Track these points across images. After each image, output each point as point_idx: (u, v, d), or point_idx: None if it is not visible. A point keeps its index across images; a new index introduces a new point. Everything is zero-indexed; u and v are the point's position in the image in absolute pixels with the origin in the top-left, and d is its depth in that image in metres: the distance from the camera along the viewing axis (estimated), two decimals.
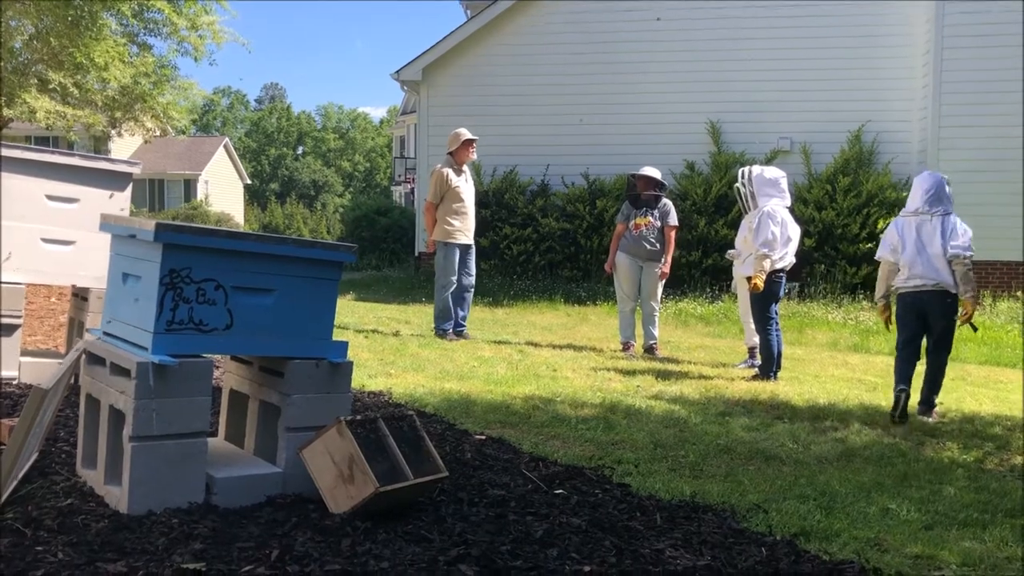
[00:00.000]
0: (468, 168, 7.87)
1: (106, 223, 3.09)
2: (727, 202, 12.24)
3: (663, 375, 6.35)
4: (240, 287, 2.87)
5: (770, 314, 6.47)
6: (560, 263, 13.29)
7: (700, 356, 7.65)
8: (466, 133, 7.69)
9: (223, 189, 42.32)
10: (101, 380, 2.90)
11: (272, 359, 3.05)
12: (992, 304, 10.90)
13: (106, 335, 3.01)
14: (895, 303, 5.64)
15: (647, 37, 13.23)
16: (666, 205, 7.58)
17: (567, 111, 13.45)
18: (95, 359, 2.97)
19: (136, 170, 4.77)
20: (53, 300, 7.36)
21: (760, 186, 6.59)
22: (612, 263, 7.67)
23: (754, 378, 6.49)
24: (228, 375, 3.35)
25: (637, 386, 5.87)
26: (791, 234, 6.52)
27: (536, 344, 7.75)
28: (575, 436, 4.36)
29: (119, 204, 4.61)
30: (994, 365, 8.26)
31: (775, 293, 6.49)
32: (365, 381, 5.29)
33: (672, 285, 9.21)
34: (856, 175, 12.40)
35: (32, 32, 14.29)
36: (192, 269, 2.76)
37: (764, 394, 5.83)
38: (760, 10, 12.92)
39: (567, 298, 11.63)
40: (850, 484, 3.81)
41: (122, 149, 31.28)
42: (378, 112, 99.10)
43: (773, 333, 6.47)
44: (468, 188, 7.76)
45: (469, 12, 17.05)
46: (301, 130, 72.01)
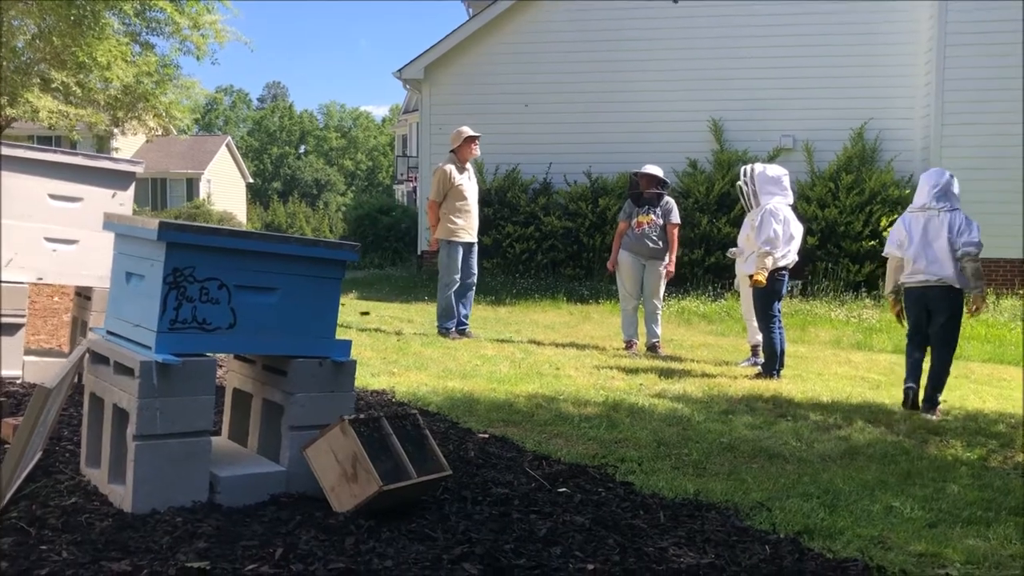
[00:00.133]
0: (471, 166, 7.87)
1: (109, 222, 3.09)
2: (729, 200, 12.23)
3: (666, 373, 6.35)
4: (243, 286, 2.87)
5: (773, 312, 6.47)
6: (562, 261, 13.28)
7: (703, 354, 7.65)
8: (468, 131, 7.69)
9: (226, 188, 42.36)
10: (105, 379, 2.91)
11: (275, 358, 3.05)
12: (995, 302, 10.88)
13: (109, 334, 3.02)
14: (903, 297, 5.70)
15: (649, 35, 13.21)
16: (668, 203, 7.57)
17: (569, 109, 13.44)
18: (99, 358, 2.97)
19: (139, 169, 4.77)
20: (56, 299, 7.37)
21: (762, 184, 6.58)
22: (614, 261, 7.66)
23: (757, 376, 6.48)
24: (231, 374, 3.35)
25: (640, 384, 5.87)
26: (793, 232, 6.52)
27: (539, 342, 7.75)
28: (578, 434, 4.36)
29: (122, 203, 4.62)
30: (997, 363, 8.25)
31: (778, 291, 6.49)
32: (368, 380, 5.30)
33: (675, 283, 9.20)
34: (859, 173, 12.38)
35: (35, 31, 14.30)
36: (195, 268, 2.76)
37: (767, 392, 5.82)
38: (762, 8, 12.90)
39: (569, 296, 11.62)
40: (854, 482, 3.81)
41: (124, 148, 31.31)
42: (380, 111, 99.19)
43: (776, 331, 6.47)
44: (471, 186, 7.76)
45: (471, 11, 17.03)
46: (303, 129, 72.06)
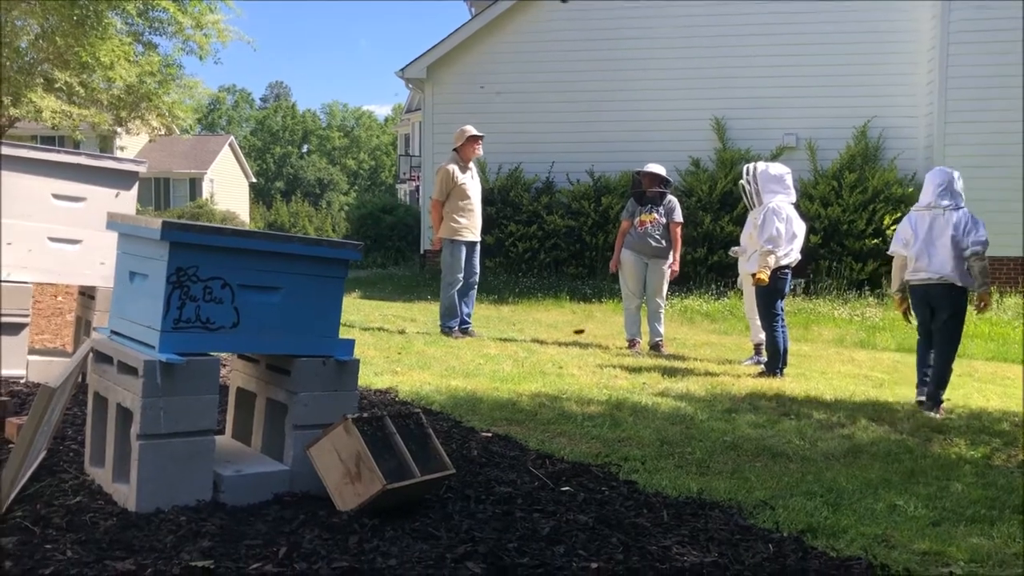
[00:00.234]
0: (474, 165, 7.87)
1: (113, 222, 3.09)
2: (732, 199, 12.22)
3: (669, 372, 6.35)
4: (247, 285, 2.87)
5: (776, 311, 6.46)
6: (565, 260, 13.28)
7: (706, 353, 7.64)
8: (471, 129, 7.68)
9: (228, 187, 42.40)
10: (109, 378, 2.91)
11: (279, 357, 3.06)
12: (999, 300, 10.86)
13: (113, 333, 3.02)
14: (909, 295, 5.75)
15: (651, 34, 13.21)
16: (671, 202, 7.57)
17: (572, 108, 13.44)
18: (102, 357, 2.98)
19: (142, 169, 4.77)
20: (59, 299, 7.38)
21: (765, 182, 6.58)
22: (617, 261, 7.66)
23: (760, 375, 6.48)
24: (235, 373, 3.35)
25: (643, 383, 5.87)
26: (796, 230, 6.52)
27: (542, 341, 7.75)
28: (581, 433, 4.36)
29: (125, 203, 4.62)
30: (1001, 361, 8.24)
31: (780, 290, 6.49)
32: (371, 379, 5.30)
33: (677, 282, 9.19)
34: (862, 171, 12.37)
35: (38, 32, 14.33)
36: (199, 267, 2.77)
37: (770, 391, 5.82)
38: (765, 6, 12.88)
39: (572, 295, 11.62)
40: (857, 480, 3.81)
41: (128, 148, 31.35)
42: (383, 110, 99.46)
43: (779, 330, 6.47)
44: (474, 185, 7.76)
45: (473, 10, 17.03)
46: (306, 128, 72.08)
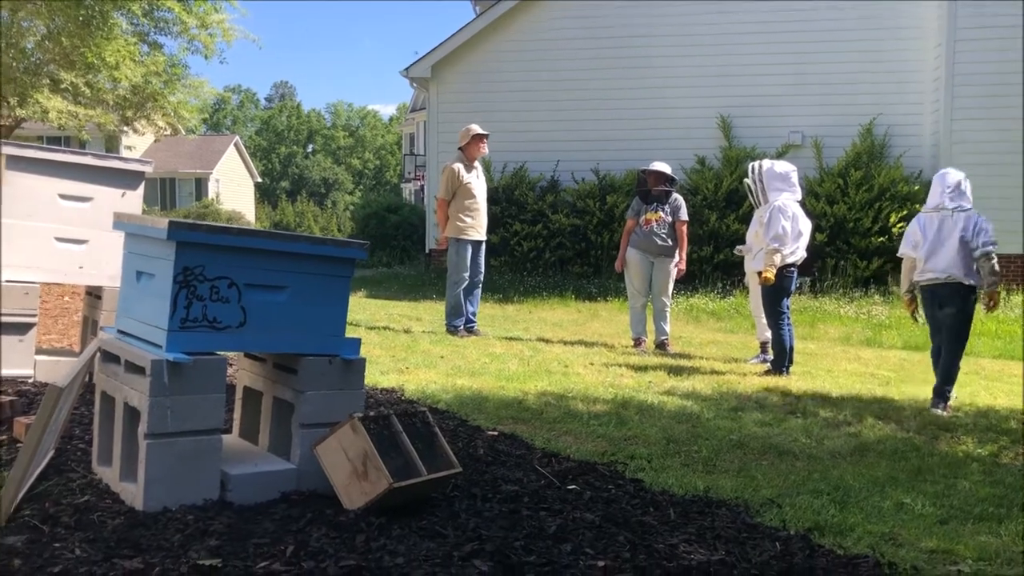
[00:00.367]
0: (479, 164, 7.87)
1: (119, 221, 3.10)
2: (738, 197, 12.20)
3: (675, 371, 6.34)
4: (253, 284, 2.88)
5: (782, 309, 6.45)
6: (570, 259, 13.27)
7: (712, 352, 7.63)
8: (477, 128, 7.68)
9: (234, 187, 42.46)
10: (116, 378, 2.92)
11: (285, 356, 3.06)
12: (1006, 298, 10.82)
13: (120, 333, 3.03)
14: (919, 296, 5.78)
15: (657, 32, 13.18)
16: (677, 200, 7.56)
17: (577, 107, 13.42)
18: (110, 357, 2.98)
19: (148, 168, 4.79)
20: (66, 299, 7.41)
21: (770, 180, 6.57)
22: (622, 260, 7.65)
23: (766, 373, 6.47)
24: (242, 372, 3.36)
25: (649, 382, 5.86)
26: (802, 228, 6.51)
27: (547, 340, 7.75)
28: (587, 432, 4.36)
29: (132, 203, 4.63)
30: (1008, 359, 8.21)
31: (786, 288, 6.48)
32: (377, 378, 5.31)
33: (683, 280, 9.19)
34: (868, 169, 12.33)
35: (44, 32, 14.37)
36: (206, 267, 2.77)
37: (776, 389, 5.81)
38: (770, 4, 12.85)
39: (578, 294, 11.61)
40: (864, 479, 3.80)
41: (134, 148, 31.42)
42: (388, 109, 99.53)
43: (785, 328, 6.46)
44: (480, 184, 7.76)
45: (478, 9, 17.03)
46: (311, 128, 72.16)
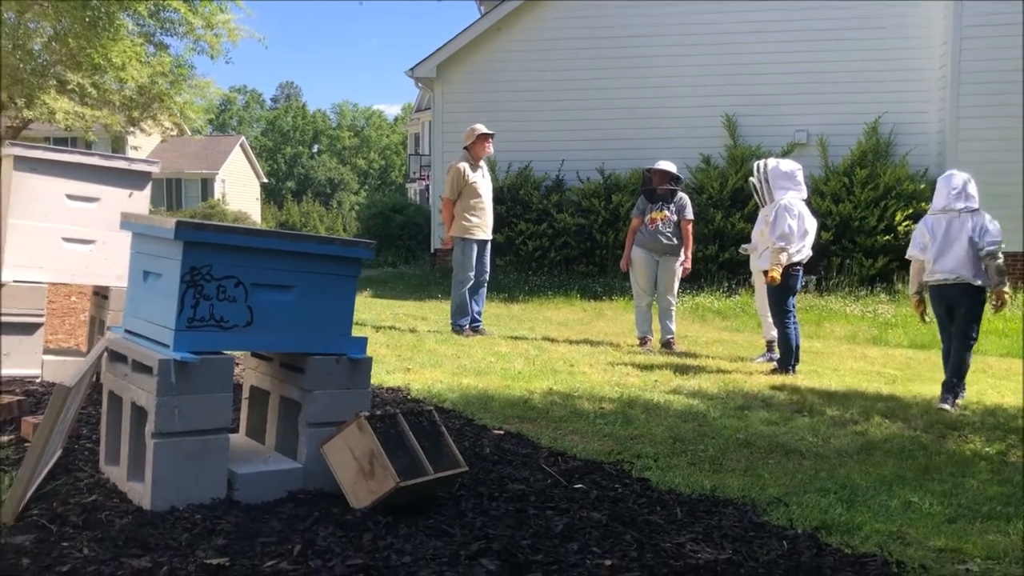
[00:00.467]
0: (484, 163, 7.87)
1: (127, 221, 3.11)
2: (743, 195, 12.17)
3: (681, 370, 6.33)
4: (260, 284, 2.88)
5: (787, 307, 6.44)
6: (575, 258, 13.26)
7: (718, 350, 7.62)
8: (482, 128, 7.68)
9: (240, 188, 42.53)
10: (123, 377, 2.92)
11: (292, 355, 3.06)
12: (1013, 296, 10.79)
13: (127, 332, 3.03)
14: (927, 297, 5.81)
15: (661, 31, 13.17)
16: (682, 199, 7.55)
17: (582, 106, 13.41)
18: (117, 356, 2.99)
19: (155, 169, 4.79)
20: (73, 299, 7.43)
21: (776, 179, 6.56)
22: (627, 260, 7.65)
23: (772, 372, 6.46)
24: (248, 371, 3.36)
25: (655, 381, 5.86)
26: (808, 227, 6.49)
27: (552, 339, 7.74)
28: (593, 431, 4.36)
29: (139, 203, 4.64)
30: (1015, 357, 8.18)
31: (792, 286, 6.47)
32: (383, 377, 5.31)
33: (689, 280, 9.17)
34: (873, 167, 12.30)
35: (51, 34, 14.42)
36: (213, 266, 2.78)
37: (783, 388, 5.81)
38: (775, 3, 12.83)
39: (583, 293, 11.61)
40: (871, 477, 3.79)
41: (140, 148, 31.47)
42: (393, 109, 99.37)
43: (791, 326, 6.45)
44: (485, 184, 7.76)
45: (483, 8, 17.03)
46: (316, 128, 72.27)
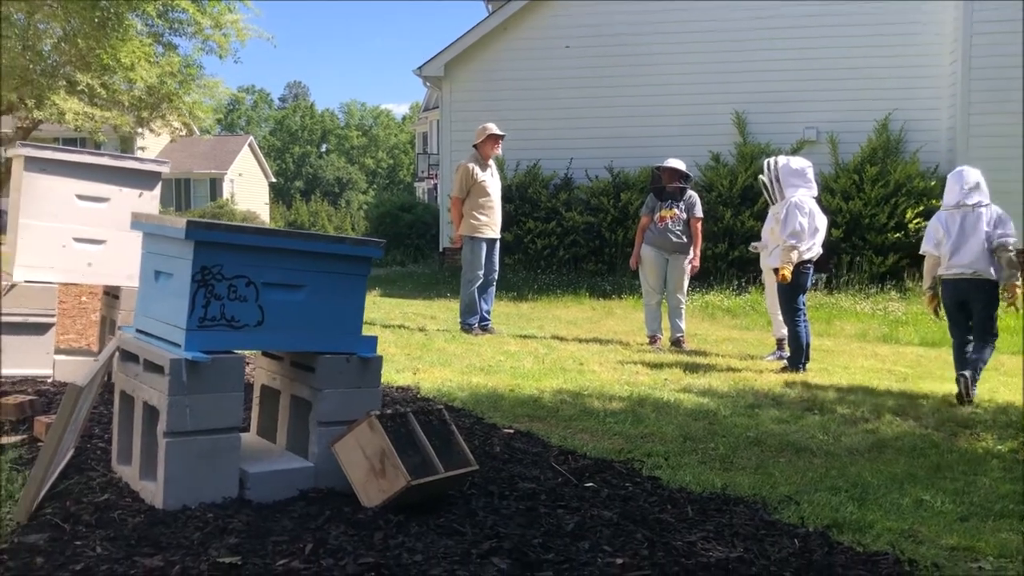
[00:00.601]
0: (493, 162, 7.87)
1: (137, 222, 3.12)
2: (753, 193, 12.13)
3: (691, 368, 6.32)
4: (271, 283, 2.89)
5: (798, 305, 6.43)
6: (584, 257, 13.25)
7: (728, 349, 7.61)
8: (493, 128, 7.68)
9: (248, 187, 42.64)
10: (135, 377, 2.94)
11: (303, 354, 3.07)
12: None
13: (139, 332, 3.05)
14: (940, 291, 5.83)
15: (670, 28, 13.14)
16: (691, 197, 7.54)
17: (590, 104, 13.39)
18: (128, 356, 3.00)
19: (165, 169, 4.81)
20: (84, 299, 7.46)
21: (786, 177, 6.54)
22: (637, 258, 7.64)
23: (783, 370, 6.44)
24: (259, 370, 3.37)
25: (665, 379, 5.85)
26: (818, 225, 6.47)
27: (562, 338, 7.74)
28: (604, 429, 4.36)
29: (149, 203, 4.66)
30: None
31: (803, 284, 6.45)
32: (393, 376, 5.32)
33: (698, 278, 9.17)
34: (884, 164, 12.24)
35: (60, 35, 14.48)
36: (223, 266, 2.79)
37: (793, 386, 5.79)
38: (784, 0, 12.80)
39: (592, 292, 11.60)
40: (882, 475, 3.78)
41: (148, 148, 31.61)
42: (401, 109, 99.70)
43: (801, 324, 6.43)
44: (494, 182, 7.76)
45: (490, 7, 17.02)
46: (325, 128, 72.39)
